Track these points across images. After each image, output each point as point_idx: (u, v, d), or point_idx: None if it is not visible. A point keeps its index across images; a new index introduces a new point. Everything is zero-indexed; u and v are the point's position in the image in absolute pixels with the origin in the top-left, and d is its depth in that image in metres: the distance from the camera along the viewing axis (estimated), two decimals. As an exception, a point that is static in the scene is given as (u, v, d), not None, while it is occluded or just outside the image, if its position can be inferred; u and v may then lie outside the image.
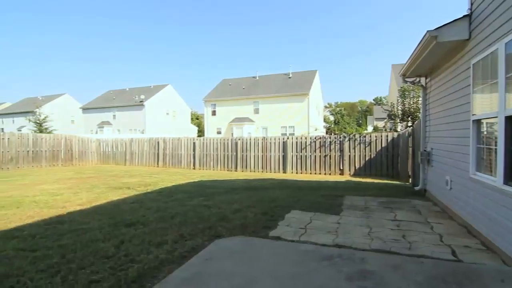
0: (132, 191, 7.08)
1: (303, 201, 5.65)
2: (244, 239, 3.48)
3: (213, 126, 34.39)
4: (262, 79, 35.99)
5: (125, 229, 3.92)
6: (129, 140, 15.96)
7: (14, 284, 2.44)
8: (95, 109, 42.83)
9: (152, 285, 2.41)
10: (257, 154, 12.45)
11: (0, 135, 12.77)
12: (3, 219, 4.53)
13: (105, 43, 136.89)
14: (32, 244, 3.37)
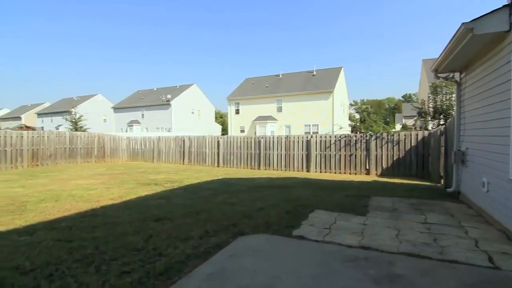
0: (159, 187, 7.35)
1: (327, 201, 5.56)
2: (267, 237, 3.50)
3: (236, 124, 34.72)
4: (285, 77, 35.75)
5: (153, 223, 4.08)
6: (157, 138, 16.54)
7: (53, 272, 2.63)
8: (125, 109, 44.83)
9: (179, 278, 2.49)
10: (280, 152, 12.41)
11: (41, 133, 13.77)
12: (44, 211, 4.89)
13: (136, 46, 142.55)
14: (69, 235, 3.61)
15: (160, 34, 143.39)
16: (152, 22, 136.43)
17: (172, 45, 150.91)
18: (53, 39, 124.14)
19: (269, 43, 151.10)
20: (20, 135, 12.74)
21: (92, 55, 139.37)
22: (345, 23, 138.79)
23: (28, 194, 6.45)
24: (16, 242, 3.40)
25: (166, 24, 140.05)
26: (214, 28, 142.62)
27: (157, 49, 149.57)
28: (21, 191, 6.86)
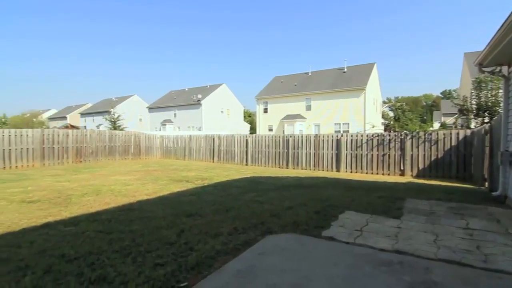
0: (190, 184, 7.60)
1: (359, 202, 5.39)
2: (296, 237, 3.48)
3: (264, 123, 34.80)
4: (314, 74, 35.13)
5: (185, 219, 4.23)
6: (188, 137, 17.09)
7: (95, 261, 2.83)
8: (159, 108, 46.87)
9: (209, 273, 2.56)
10: (309, 151, 12.23)
11: (84, 132, 14.85)
12: (87, 204, 5.28)
13: (168, 46, 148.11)
14: (109, 227, 3.86)
15: (192, 35, 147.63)
16: (184, 23, 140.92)
17: (203, 45, 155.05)
18: (95, 40, 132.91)
19: (300, 41, 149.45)
20: (66, 133, 13.85)
21: (129, 56, 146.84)
22: (378, 19, 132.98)
23: (72, 188, 7.00)
24: (63, 232, 3.71)
25: (198, 24, 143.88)
26: (245, 27, 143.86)
27: (189, 49, 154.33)
28: (66, 185, 7.46)
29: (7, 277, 2.50)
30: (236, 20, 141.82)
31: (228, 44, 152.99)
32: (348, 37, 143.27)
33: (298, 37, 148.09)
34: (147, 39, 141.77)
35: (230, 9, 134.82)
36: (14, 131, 12.15)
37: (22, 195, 6.17)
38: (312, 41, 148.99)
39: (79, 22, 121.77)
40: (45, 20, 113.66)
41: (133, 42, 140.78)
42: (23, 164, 12.08)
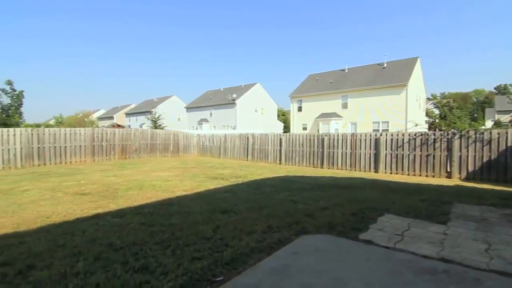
0: (225, 182, 7.78)
1: (399, 205, 5.10)
2: (332, 238, 3.40)
3: (299, 122, 34.38)
4: (351, 71, 33.85)
5: (220, 215, 4.35)
6: (223, 136, 17.50)
7: (138, 251, 3.03)
8: (196, 108, 48.61)
9: (244, 269, 2.61)
10: (345, 151, 11.84)
11: (128, 131, 15.93)
12: (131, 198, 5.66)
13: (205, 47, 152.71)
14: (150, 220, 4.11)
15: (228, 35, 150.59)
16: (219, 23, 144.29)
17: (239, 45, 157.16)
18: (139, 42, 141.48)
19: (336, 39, 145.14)
20: (113, 132, 14.97)
21: (169, 57, 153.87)
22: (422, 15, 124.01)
23: (119, 182, 7.55)
24: (110, 223, 4.03)
25: (233, 25, 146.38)
26: (280, 26, 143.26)
27: (226, 49, 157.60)
28: (113, 179, 8.07)
29: (64, 261, 2.78)
30: (271, 19, 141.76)
31: (263, 43, 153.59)
32: (389, 34, 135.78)
33: (334, 34, 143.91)
34: (185, 40, 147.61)
35: (266, 8, 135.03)
36: (69, 129, 13.43)
37: (76, 188, 6.80)
38: (349, 39, 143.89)
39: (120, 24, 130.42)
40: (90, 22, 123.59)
41: (173, 43, 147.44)
42: (76, 160, 13.29)
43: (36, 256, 2.89)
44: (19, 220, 4.24)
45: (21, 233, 3.69)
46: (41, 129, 12.69)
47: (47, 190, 6.55)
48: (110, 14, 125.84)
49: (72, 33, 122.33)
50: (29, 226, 3.98)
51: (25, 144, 11.74)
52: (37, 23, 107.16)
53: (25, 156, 11.74)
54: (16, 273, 2.55)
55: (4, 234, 3.64)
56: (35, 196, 5.94)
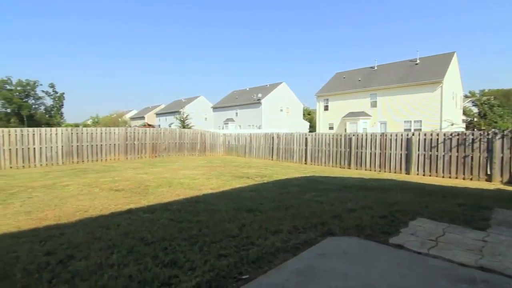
0: (251, 181, 7.83)
1: (433, 209, 4.83)
2: (360, 241, 3.30)
3: (325, 121, 33.71)
4: (381, 68, 32.54)
5: (246, 214, 4.39)
6: (248, 135, 17.63)
7: (167, 246, 3.15)
8: (222, 108, 49.41)
9: (269, 269, 2.62)
10: (374, 151, 11.43)
11: (158, 130, 16.57)
12: (161, 195, 5.89)
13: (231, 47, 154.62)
14: (179, 217, 4.24)
15: (253, 35, 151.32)
16: (245, 24, 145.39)
17: (266, 45, 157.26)
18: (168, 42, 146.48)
19: (365, 37, 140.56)
20: (144, 131, 15.65)
21: (196, 57, 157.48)
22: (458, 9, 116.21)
23: (149, 179, 7.88)
24: (142, 218, 4.22)
25: (259, 25, 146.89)
26: (307, 25, 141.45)
27: (252, 49, 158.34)
28: (145, 177, 8.43)
29: (100, 253, 2.96)
30: (297, 18, 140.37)
31: (289, 42, 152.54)
32: (423, 30, 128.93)
33: (363, 33, 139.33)
34: (212, 41, 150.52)
35: (291, 8, 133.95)
36: (105, 129, 14.23)
37: (111, 184, 7.20)
38: (377, 37, 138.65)
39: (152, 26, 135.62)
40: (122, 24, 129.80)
41: (201, 44, 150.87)
42: (111, 158, 14.06)
43: (75, 247, 3.11)
44: (60, 213, 4.58)
45: (62, 225, 3.98)
46: (79, 128, 13.59)
47: (85, 185, 7.00)
48: (142, 16, 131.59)
49: (108, 35, 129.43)
50: (69, 219, 4.28)
51: (65, 143, 12.63)
52: (76, 25, 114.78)
53: (65, 154, 12.63)
54: (58, 262, 2.76)
55: (47, 226, 3.95)
56: (74, 191, 6.37)
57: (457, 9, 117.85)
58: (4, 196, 5.84)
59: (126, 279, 2.42)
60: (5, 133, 11.26)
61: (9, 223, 4.09)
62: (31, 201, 5.44)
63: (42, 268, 2.63)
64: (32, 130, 12.00)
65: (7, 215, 4.50)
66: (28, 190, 6.51)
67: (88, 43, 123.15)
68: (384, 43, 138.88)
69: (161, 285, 2.33)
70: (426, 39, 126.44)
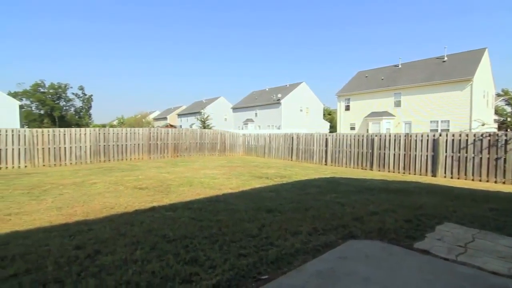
0: (270, 181, 7.83)
1: (462, 213, 4.60)
2: (383, 245, 3.20)
3: (346, 121, 33.02)
4: (406, 66, 31.39)
5: (265, 214, 4.39)
6: (268, 135, 17.62)
7: (188, 244, 3.22)
8: (241, 108, 49.76)
9: (289, 270, 2.60)
10: (398, 152, 11.04)
11: (180, 131, 16.96)
12: (182, 194, 6.02)
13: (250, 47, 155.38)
14: (199, 215, 4.32)
15: (273, 36, 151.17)
16: (265, 25, 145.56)
17: (286, 45, 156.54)
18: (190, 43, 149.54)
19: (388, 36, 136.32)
20: (166, 132, 16.08)
21: (216, 58, 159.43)
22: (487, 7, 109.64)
23: (171, 178, 8.08)
24: (164, 216, 4.33)
25: (278, 24, 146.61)
26: (328, 25, 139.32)
27: (272, 50, 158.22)
28: (167, 176, 8.66)
29: (124, 248, 3.08)
30: (317, 18, 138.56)
31: (309, 42, 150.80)
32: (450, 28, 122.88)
33: (386, 31, 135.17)
34: (231, 42, 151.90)
35: (311, 7, 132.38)
36: (130, 129, 14.77)
37: (135, 182, 7.46)
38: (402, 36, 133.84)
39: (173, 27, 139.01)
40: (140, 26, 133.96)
41: (221, 46, 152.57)
42: (135, 157, 14.57)
43: (102, 243, 3.25)
44: (88, 210, 4.80)
45: (90, 221, 4.17)
46: (106, 129, 14.20)
47: (111, 183, 7.31)
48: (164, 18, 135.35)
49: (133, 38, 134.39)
50: (96, 215, 4.49)
51: (93, 142, 13.24)
52: (106, 28, 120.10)
53: (93, 153, 13.23)
54: (86, 256, 2.89)
55: (77, 221, 4.15)
56: (101, 188, 6.67)
57: (488, 4, 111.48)
58: (38, 193, 6.22)
59: (149, 274, 2.50)
60: (39, 133, 11.98)
61: (42, 217, 4.35)
62: (62, 197, 5.76)
63: (72, 261, 2.77)
64: (63, 130, 12.69)
65: (40, 210, 4.78)
66: (59, 187, 6.89)
67: (114, 45, 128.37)
68: (407, 41, 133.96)
69: (182, 282, 2.38)
70: (455, 36, 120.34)
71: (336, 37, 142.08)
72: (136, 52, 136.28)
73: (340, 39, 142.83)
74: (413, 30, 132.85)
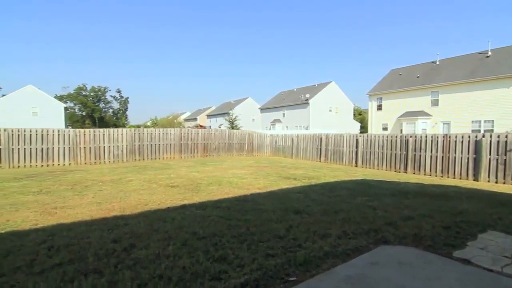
0: (298, 182, 7.75)
1: (508, 221, 4.22)
2: (418, 252, 3.04)
3: (378, 121, 31.74)
4: (444, 63, 29.44)
5: (293, 215, 4.36)
6: (295, 136, 17.46)
7: (217, 242, 3.28)
8: (269, 109, 49.79)
9: (317, 273, 2.56)
10: (435, 154, 10.39)
11: (209, 131, 17.38)
12: (211, 193, 6.16)
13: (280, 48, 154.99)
14: (228, 214, 4.39)
15: (301, 36, 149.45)
16: (293, 25, 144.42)
17: (315, 45, 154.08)
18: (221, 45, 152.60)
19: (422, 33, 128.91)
20: (196, 132, 16.55)
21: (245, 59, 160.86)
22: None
23: (201, 177, 8.30)
24: (194, 214, 4.47)
25: (308, 25, 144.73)
26: (359, 25, 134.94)
27: (300, 50, 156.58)
28: (197, 175, 8.91)
29: (158, 244, 3.21)
30: (347, 18, 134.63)
31: (339, 42, 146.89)
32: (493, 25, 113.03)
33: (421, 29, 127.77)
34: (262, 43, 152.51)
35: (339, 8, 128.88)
36: (162, 130, 15.41)
37: (167, 181, 7.76)
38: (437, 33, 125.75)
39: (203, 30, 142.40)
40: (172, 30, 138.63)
41: (251, 47, 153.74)
42: (167, 156, 15.16)
43: (137, 237, 3.42)
44: (125, 205, 5.08)
45: (126, 216, 4.42)
46: (141, 129, 14.94)
47: (145, 181, 7.67)
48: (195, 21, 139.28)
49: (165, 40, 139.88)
50: (132, 210, 4.74)
51: (129, 142, 13.99)
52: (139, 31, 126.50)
53: (129, 152, 13.98)
54: (122, 249, 3.07)
55: (114, 216, 4.42)
56: (136, 186, 7.02)
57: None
58: (80, 188, 6.71)
59: (180, 270, 2.59)
60: (81, 134, 12.90)
61: (83, 212, 4.68)
62: (101, 193, 6.15)
63: (109, 253, 2.96)
64: (103, 130, 13.55)
65: (82, 205, 5.15)
66: (99, 183, 7.37)
67: (149, 48, 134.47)
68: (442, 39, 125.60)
69: (212, 278, 2.44)
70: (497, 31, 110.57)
71: (368, 36, 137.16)
72: (169, 54, 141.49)
73: (371, 38, 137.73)
74: (449, 28, 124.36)
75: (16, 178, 8.22)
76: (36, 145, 11.78)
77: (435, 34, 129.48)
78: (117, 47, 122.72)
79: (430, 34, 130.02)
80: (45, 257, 2.86)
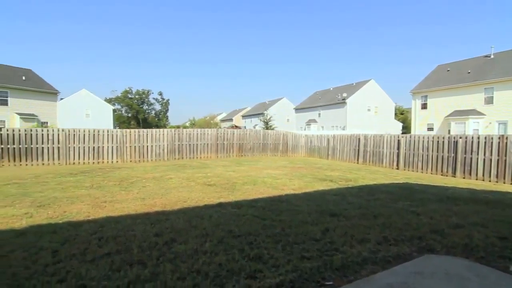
0: (334, 184, 7.54)
1: None
2: (468, 264, 2.79)
3: (422, 121, 29.69)
4: (500, 56, 26.59)
5: (330, 218, 4.26)
6: (331, 136, 17.00)
7: (252, 241, 3.32)
8: (304, 109, 49.12)
9: (355, 279, 2.48)
10: (489, 157, 9.43)
11: (245, 131, 17.65)
12: (246, 192, 6.25)
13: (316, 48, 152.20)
14: (263, 214, 4.42)
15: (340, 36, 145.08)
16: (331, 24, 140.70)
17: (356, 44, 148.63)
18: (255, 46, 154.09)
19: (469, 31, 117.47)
20: (232, 132, 16.90)
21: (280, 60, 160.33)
22: None
23: (236, 177, 8.46)
24: (230, 212, 4.57)
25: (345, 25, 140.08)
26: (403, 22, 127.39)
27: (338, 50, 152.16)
28: (232, 174, 9.10)
29: (195, 240, 3.34)
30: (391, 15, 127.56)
31: (382, 40, 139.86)
32: None
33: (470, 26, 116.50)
34: (295, 43, 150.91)
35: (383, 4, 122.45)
36: (200, 130, 15.99)
37: (204, 179, 8.04)
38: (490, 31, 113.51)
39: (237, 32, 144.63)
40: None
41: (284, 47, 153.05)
42: (204, 155, 15.68)
43: (177, 232, 3.59)
44: (166, 202, 5.36)
45: (167, 212, 4.66)
46: (180, 129, 15.65)
47: (184, 179, 8.02)
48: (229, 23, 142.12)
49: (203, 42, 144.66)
50: (172, 207, 4.98)
51: (170, 142, 14.73)
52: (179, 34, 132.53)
53: (169, 151, 14.73)
54: (164, 243, 3.24)
55: (156, 211, 4.68)
56: (176, 183, 7.37)
57: None
58: (126, 184, 7.21)
59: (217, 266, 2.67)
60: (127, 134, 13.87)
61: (129, 206, 5.03)
62: (144, 189, 6.56)
63: (152, 246, 3.14)
64: (146, 131, 14.44)
65: (128, 200, 5.53)
66: (142, 180, 7.86)
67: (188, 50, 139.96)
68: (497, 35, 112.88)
69: (247, 277, 2.48)
70: None
71: (410, 34, 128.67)
72: (207, 57, 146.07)
73: (414, 35, 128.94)
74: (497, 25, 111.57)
75: (72, 174, 9.10)
76: (89, 144, 12.91)
77: (485, 30, 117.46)
78: (158, 50, 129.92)
79: (481, 31, 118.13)
80: (96, 247, 3.13)
